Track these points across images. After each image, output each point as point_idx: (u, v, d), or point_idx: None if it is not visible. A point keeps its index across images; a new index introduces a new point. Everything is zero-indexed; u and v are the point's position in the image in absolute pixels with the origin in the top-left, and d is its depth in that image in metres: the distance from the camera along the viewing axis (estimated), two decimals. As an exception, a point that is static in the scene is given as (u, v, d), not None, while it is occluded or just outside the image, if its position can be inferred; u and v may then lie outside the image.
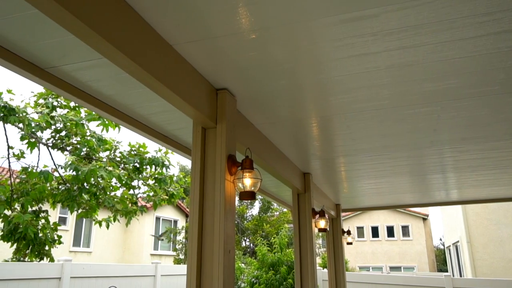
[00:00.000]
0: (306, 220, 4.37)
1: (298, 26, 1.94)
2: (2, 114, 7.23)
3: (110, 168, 7.62)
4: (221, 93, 2.52)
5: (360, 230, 28.34)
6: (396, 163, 4.65)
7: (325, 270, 8.69)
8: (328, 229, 4.76)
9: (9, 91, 7.42)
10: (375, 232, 28.37)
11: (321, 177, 5.22)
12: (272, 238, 9.97)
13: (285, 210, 16.72)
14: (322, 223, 4.60)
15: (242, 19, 1.87)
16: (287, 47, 2.12)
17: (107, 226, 8.11)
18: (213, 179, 2.31)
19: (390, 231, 28.16)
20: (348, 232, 7.05)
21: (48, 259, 7.19)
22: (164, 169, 8.27)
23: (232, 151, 2.45)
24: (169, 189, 8.44)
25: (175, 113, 2.86)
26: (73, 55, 2.10)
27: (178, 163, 27.58)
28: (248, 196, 2.32)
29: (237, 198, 3.35)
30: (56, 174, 8.10)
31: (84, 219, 15.53)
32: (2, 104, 7.25)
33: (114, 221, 7.94)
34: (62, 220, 14.56)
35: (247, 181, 2.32)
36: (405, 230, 28.00)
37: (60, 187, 7.96)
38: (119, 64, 1.77)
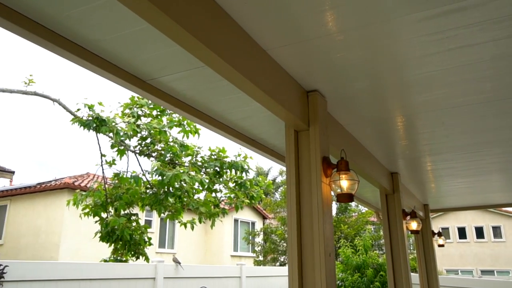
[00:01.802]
0: (396, 221, 4.19)
1: (383, 26, 1.90)
2: (94, 125, 7.79)
3: (193, 173, 7.90)
4: (312, 95, 2.50)
5: (445, 231, 26.75)
6: (492, 159, 4.32)
7: (414, 273, 8.30)
8: (420, 231, 4.53)
9: (100, 103, 7.98)
10: (462, 233, 26.64)
11: (407, 177, 5.01)
12: (355, 240, 9.74)
13: (363, 210, 16.27)
14: (414, 225, 4.40)
15: (330, 22, 1.88)
16: (373, 47, 2.09)
17: (192, 228, 8.42)
18: (309, 182, 2.29)
19: (479, 232, 26.27)
20: (439, 234, 6.68)
21: (144, 258, 7.64)
22: (243, 173, 8.42)
23: (326, 153, 2.42)
24: (249, 192, 8.57)
25: (263, 117, 2.90)
26: (171, 66, 2.19)
27: (256, 166, 27.93)
28: (346, 198, 2.27)
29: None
30: (144, 179, 8.56)
31: (168, 222, 16.28)
32: (95, 116, 7.83)
33: (200, 223, 8.21)
34: (148, 223, 15.37)
35: (344, 183, 2.27)
36: (497, 231, 25.96)
37: (147, 191, 8.41)
38: (219, 70, 1.82)
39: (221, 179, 8.51)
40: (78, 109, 7.95)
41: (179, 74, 2.25)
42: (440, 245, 6.85)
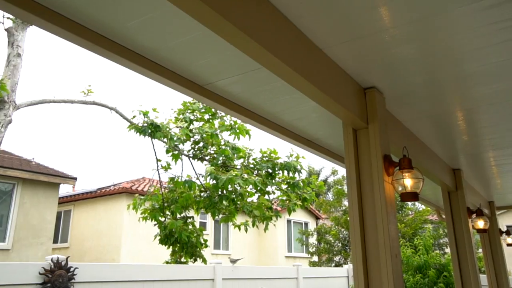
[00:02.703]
0: (461, 220, 4.00)
1: (440, 18, 1.84)
2: (150, 131, 8.05)
3: (246, 176, 7.95)
4: (370, 92, 2.44)
5: None
6: None
7: (481, 274, 7.86)
8: (487, 230, 4.29)
9: (154, 110, 8.23)
10: (529, 231, 25.01)
11: (471, 173, 4.77)
12: (415, 240, 9.39)
13: (420, 209, 15.67)
14: (480, 223, 4.17)
15: (384, 17, 1.85)
16: (430, 41, 2.03)
17: (246, 230, 8.48)
18: (371, 182, 2.22)
19: (549, 230, 24.56)
20: (507, 233, 6.30)
21: (201, 259, 7.80)
22: (296, 173, 8.37)
23: (387, 151, 2.35)
24: (302, 193, 8.50)
25: (318, 117, 2.87)
26: (226, 70, 2.21)
27: (308, 166, 27.68)
28: (410, 197, 2.19)
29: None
30: (198, 182, 8.73)
31: (222, 223, 16.52)
32: (149, 122, 8.09)
33: (253, 226, 8.25)
34: (202, 225, 15.68)
35: (408, 182, 2.18)
36: None
37: (202, 194, 8.56)
38: (276, 71, 1.82)
39: (273, 181, 8.51)
40: (134, 116, 8.26)
41: (235, 77, 2.26)
42: (509, 244, 6.45)
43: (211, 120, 9.06)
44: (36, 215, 11.69)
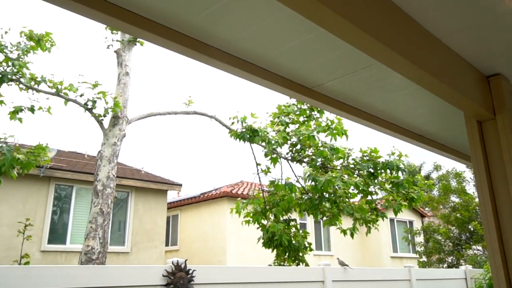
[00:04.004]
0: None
1: None
2: (248, 136, 8.26)
3: (346, 177, 7.78)
4: (495, 80, 2.22)
5: None
6: None
7: None
8: None
9: (252, 115, 8.44)
10: None
11: None
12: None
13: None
14: None
15: None
16: None
17: (352, 235, 8.26)
18: (504, 178, 2.02)
19: None
20: None
21: (303, 264, 7.79)
22: (399, 172, 8.00)
23: (521, 143, 2.11)
24: (407, 193, 8.09)
25: (432, 110, 2.69)
26: (336, 71, 2.16)
27: (412, 164, 26.38)
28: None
29: None
30: (298, 185, 8.74)
31: (321, 224, 16.39)
32: (248, 127, 8.30)
33: (354, 230, 8.03)
34: (303, 226, 15.68)
35: (551, 177, 1.94)
36: None
37: (303, 196, 8.56)
38: (394, 65, 1.75)
39: (375, 181, 8.22)
40: (233, 123, 8.54)
41: (344, 77, 2.21)
42: None
43: (306, 122, 9.05)
44: (148, 221, 12.63)
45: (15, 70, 7.31)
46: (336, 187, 7.78)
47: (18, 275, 3.48)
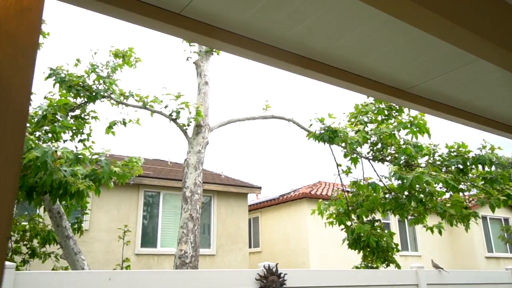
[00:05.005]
0: None
1: None
2: (328, 137, 8.19)
3: (434, 173, 7.43)
4: None
5: None
6: None
7: None
8: None
9: (330, 116, 8.36)
10: None
11: None
12: None
13: None
14: None
15: None
16: None
17: (440, 232, 7.90)
18: None
19: None
20: None
21: (394, 265, 7.56)
22: (493, 167, 7.47)
23: None
24: (503, 189, 7.53)
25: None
26: (432, 71, 2.11)
27: (507, 158, 24.49)
28: None
29: None
30: (380, 184, 8.50)
31: (406, 224, 15.76)
32: (327, 128, 8.23)
33: (452, 225, 7.64)
34: (386, 226, 15.18)
35: None
36: None
37: (386, 196, 8.31)
38: (496, 60, 1.67)
39: (466, 177, 7.75)
40: (311, 125, 8.52)
41: (440, 77, 2.14)
42: None
43: (385, 121, 8.80)
44: (231, 223, 12.99)
45: (106, 87, 7.93)
46: (424, 184, 7.45)
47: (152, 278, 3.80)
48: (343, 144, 8.25)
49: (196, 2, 1.56)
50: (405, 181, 7.20)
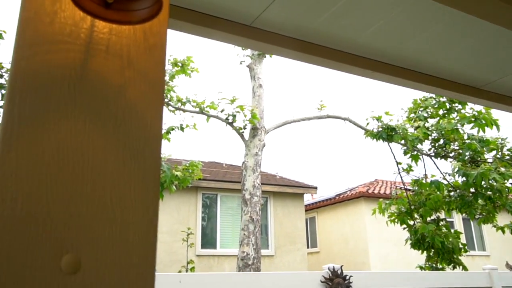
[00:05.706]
0: None
1: None
2: (386, 135, 8.00)
3: (503, 169, 7.04)
4: None
5: None
6: None
7: None
8: None
9: (387, 113, 8.16)
10: None
11: None
12: None
13: None
14: None
15: None
16: None
17: (512, 232, 7.49)
18: None
19: None
20: None
21: (461, 267, 7.24)
22: None
23: None
24: None
25: None
26: (507, 67, 2.02)
27: None
28: None
29: None
30: (444, 182, 8.17)
31: (471, 222, 15.03)
32: (384, 126, 8.04)
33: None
34: (450, 224, 14.54)
35: None
36: None
37: (451, 194, 7.98)
38: None
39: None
40: (368, 123, 8.36)
41: (518, 72, 2.04)
42: None
43: (446, 116, 8.45)
44: (288, 224, 12.99)
45: (164, 94, 8.22)
46: (492, 181, 7.08)
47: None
48: (403, 141, 8.03)
49: (266, 13, 1.60)
50: (469, 177, 6.89)
